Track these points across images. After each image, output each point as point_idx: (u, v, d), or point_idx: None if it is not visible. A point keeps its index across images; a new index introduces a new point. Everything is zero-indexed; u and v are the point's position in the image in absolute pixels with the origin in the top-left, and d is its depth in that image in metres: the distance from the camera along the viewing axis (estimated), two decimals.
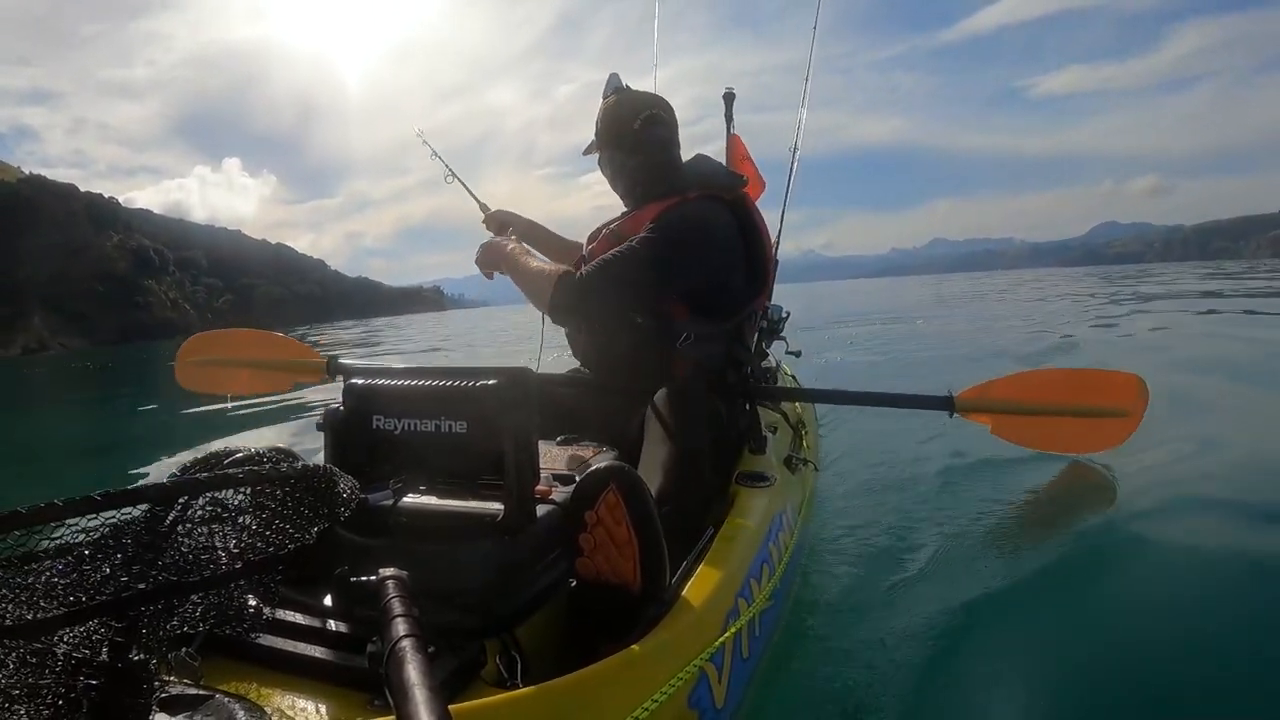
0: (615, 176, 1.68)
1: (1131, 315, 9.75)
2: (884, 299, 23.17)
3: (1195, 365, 5.00)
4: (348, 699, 0.71)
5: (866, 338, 9.12)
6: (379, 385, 0.97)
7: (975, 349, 7.07)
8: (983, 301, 16.98)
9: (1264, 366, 4.91)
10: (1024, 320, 10.27)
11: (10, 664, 0.52)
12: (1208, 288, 15.21)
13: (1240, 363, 5.08)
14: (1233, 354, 5.56)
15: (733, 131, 2.35)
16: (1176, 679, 1.38)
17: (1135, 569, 1.82)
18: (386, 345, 16.15)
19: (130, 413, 7.52)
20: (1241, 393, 3.98)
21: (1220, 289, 14.40)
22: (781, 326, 2.15)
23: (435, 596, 0.77)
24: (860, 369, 6.38)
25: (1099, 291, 17.14)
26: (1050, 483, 2.50)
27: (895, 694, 1.36)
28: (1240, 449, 2.79)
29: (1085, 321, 9.36)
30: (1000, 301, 16.20)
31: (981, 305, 15.52)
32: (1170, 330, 7.58)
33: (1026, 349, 6.41)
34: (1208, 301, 11.17)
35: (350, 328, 31.52)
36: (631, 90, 1.70)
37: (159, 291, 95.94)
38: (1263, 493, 2.27)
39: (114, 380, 12.97)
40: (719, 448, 1.50)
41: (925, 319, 12.06)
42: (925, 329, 10.33)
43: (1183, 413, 3.25)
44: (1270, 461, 2.64)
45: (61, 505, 0.51)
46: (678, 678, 0.83)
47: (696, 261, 1.49)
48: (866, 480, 2.63)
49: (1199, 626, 1.54)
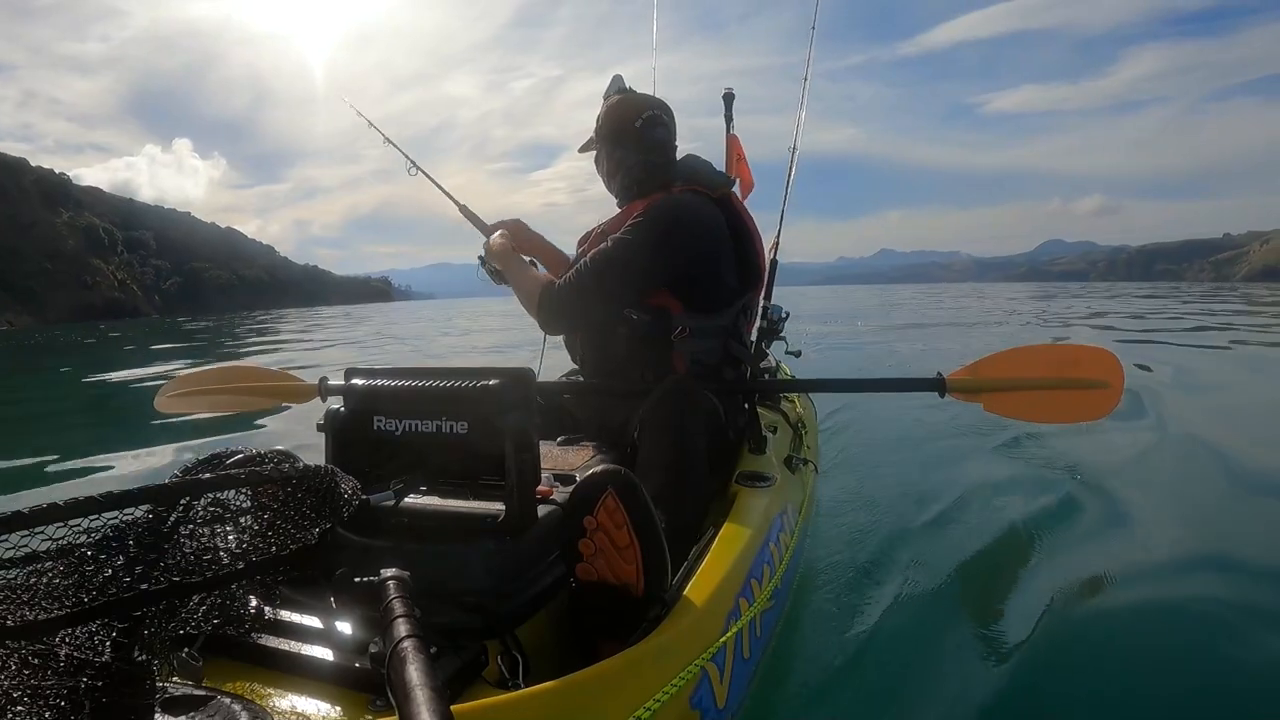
0: (612, 173, 1.69)
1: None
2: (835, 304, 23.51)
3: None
4: (349, 700, 0.71)
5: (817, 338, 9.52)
6: (380, 386, 0.97)
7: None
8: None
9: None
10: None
11: (12, 665, 0.52)
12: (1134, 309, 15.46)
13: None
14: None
15: (732, 132, 2.36)
16: (1200, 682, 1.39)
17: (1142, 567, 1.83)
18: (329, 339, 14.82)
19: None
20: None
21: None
22: (781, 326, 2.16)
23: (437, 597, 0.77)
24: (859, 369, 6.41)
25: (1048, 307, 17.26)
26: (1051, 483, 2.51)
27: (896, 693, 1.36)
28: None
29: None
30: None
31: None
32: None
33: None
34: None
35: (292, 318, 30.84)
36: (634, 92, 1.72)
37: (107, 271, 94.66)
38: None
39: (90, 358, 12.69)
40: (718, 446, 1.50)
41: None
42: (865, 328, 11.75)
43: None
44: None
45: (63, 506, 0.51)
46: (679, 678, 0.83)
47: (680, 245, 1.51)
48: (867, 480, 2.64)
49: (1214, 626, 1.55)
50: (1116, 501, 2.29)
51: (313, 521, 0.69)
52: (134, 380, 7.60)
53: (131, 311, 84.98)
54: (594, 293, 1.50)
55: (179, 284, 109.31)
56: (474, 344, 11.99)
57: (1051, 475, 2.59)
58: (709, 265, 1.56)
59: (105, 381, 7.75)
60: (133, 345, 15.59)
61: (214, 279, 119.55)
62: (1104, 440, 3.02)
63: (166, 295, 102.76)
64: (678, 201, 1.55)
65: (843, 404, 3.61)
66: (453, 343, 12.70)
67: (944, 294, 36.16)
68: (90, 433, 4.92)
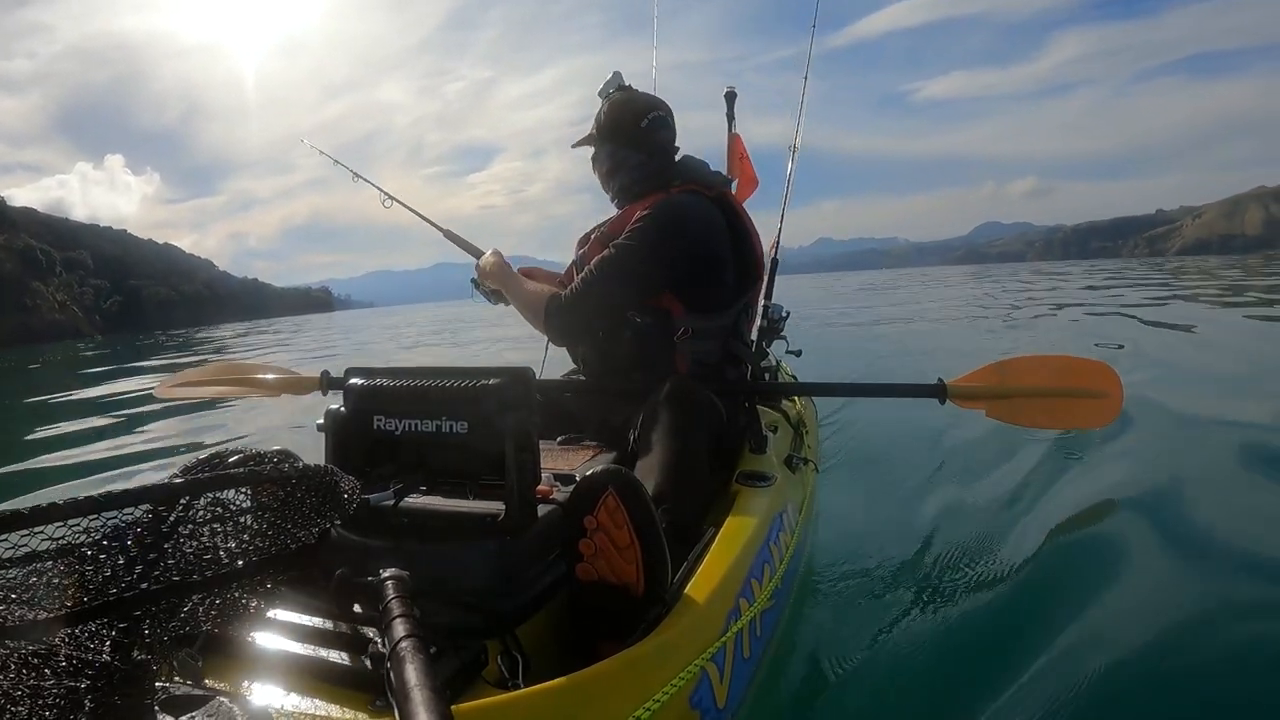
0: (612, 172, 1.68)
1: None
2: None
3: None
4: (349, 700, 0.71)
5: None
6: (380, 386, 0.97)
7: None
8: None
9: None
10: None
11: (11, 665, 0.52)
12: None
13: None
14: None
15: (734, 131, 2.37)
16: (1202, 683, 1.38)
17: (1141, 569, 1.82)
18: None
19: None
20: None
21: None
22: (782, 326, 2.16)
23: (437, 597, 0.77)
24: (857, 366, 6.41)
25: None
26: (1052, 480, 2.51)
27: (897, 693, 1.36)
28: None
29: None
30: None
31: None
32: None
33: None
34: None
35: (244, 331, 30.01)
36: (636, 90, 1.71)
37: (47, 294, 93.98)
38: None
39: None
40: (719, 446, 1.50)
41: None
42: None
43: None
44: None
45: (63, 505, 0.51)
46: (679, 678, 0.83)
47: (682, 248, 1.52)
48: (867, 480, 2.64)
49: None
50: (1119, 501, 2.28)
51: (313, 521, 0.69)
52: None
53: (73, 333, 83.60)
54: (602, 301, 1.51)
55: (119, 303, 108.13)
56: (454, 347, 11.92)
57: (1053, 475, 2.59)
58: (710, 266, 1.57)
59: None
60: (109, 365, 14.58)
61: (154, 296, 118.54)
62: (1104, 438, 3.01)
63: (107, 315, 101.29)
64: (678, 203, 1.55)
65: (843, 403, 3.61)
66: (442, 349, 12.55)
67: (900, 279, 35.47)
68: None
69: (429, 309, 22.40)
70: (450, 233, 2.03)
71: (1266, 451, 2.62)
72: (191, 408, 5.23)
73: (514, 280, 1.70)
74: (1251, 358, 5.22)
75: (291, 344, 13.86)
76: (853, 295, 20.46)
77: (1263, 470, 2.45)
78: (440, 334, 15.65)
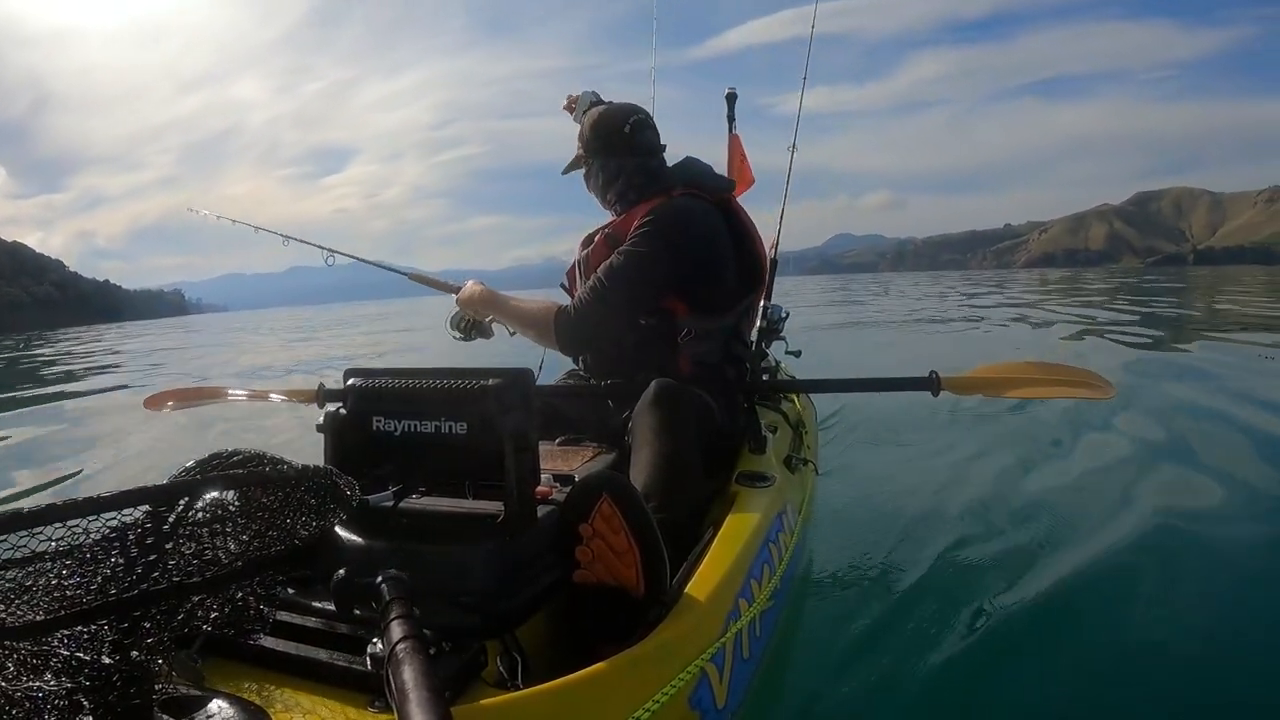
0: (609, 182, 1.70)
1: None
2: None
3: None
4: (349, 700, 0.71)
5: None
6: (379, 386, 0.97)
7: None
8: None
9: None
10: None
11: (11, 665, 0.52)
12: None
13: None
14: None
15: (734, 131, 2.39)
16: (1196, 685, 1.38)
17: (1142, 569, 1.82)
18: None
19: None
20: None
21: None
22: (781, 327, 2.17)
23: (436, 597, 0.77)
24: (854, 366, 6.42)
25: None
26: (1052, 480, 2.51)
27: (897, 693, 1.36)
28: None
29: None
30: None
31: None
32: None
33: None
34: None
35: (115, 336, 24.33)
36: (610, 102, 1.75)
37: None
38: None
39: None
40: (714, 445, 1.50)
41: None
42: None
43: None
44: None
45: (63, 506, 0.51)
46: (679, 678, 0.83)
47: (686, 250, 1.53)
48: (867, 480, 2.64)
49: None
50: (1120, 499, 2.28)
51: (312, 522, 0.69)
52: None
53: None
54: (612, 309, 1.52)
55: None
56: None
57: (1054, 475, 2.59)
58: (713, 268, 1.57)
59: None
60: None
61: (3, 296, 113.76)
62: (1105, 437, 3.02)
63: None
64: (680, 206, 1.56)
65: (843, 404, 3.61)
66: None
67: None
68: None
69: (283, 313, 20.46)
70: (417, 274, 2.05)
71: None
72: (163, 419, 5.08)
73: (507, 302, 1.71)
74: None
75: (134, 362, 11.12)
76: None
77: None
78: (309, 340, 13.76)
